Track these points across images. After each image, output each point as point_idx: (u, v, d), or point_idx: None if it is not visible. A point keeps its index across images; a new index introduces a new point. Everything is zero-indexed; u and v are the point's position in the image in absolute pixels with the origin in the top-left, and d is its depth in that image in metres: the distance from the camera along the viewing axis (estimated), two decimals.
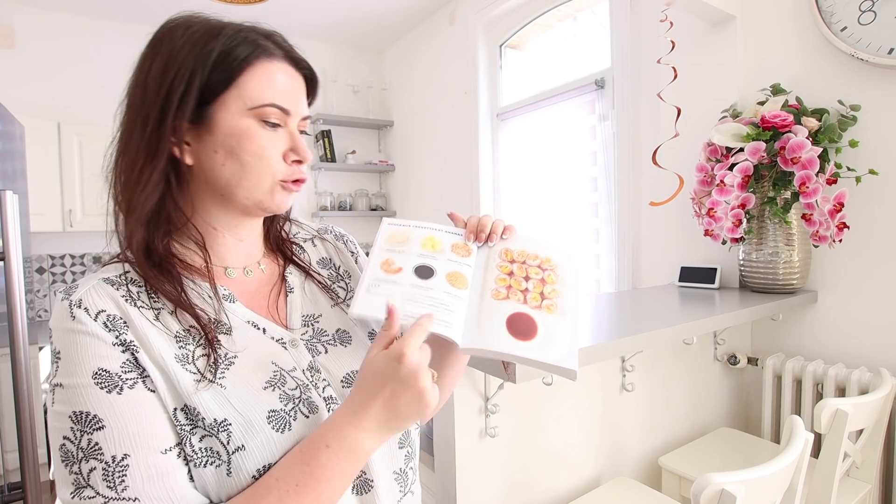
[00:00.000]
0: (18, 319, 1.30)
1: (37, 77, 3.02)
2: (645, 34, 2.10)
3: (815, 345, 1.66)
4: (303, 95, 0.59)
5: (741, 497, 0.72)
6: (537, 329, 0.58)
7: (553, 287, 0.63)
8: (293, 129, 0.57)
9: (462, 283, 0.61)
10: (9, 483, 1.40)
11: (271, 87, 0.54)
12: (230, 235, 0.60)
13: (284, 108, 0.55)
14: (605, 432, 1.38)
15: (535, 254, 0.66)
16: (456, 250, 0.64)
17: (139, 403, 0.47)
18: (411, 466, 0.64)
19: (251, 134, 0.54)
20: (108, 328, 0.49)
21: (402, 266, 0.61)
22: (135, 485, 0.45)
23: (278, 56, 0.56)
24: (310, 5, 3.11)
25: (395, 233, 0.65)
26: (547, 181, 2.67)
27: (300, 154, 0.57)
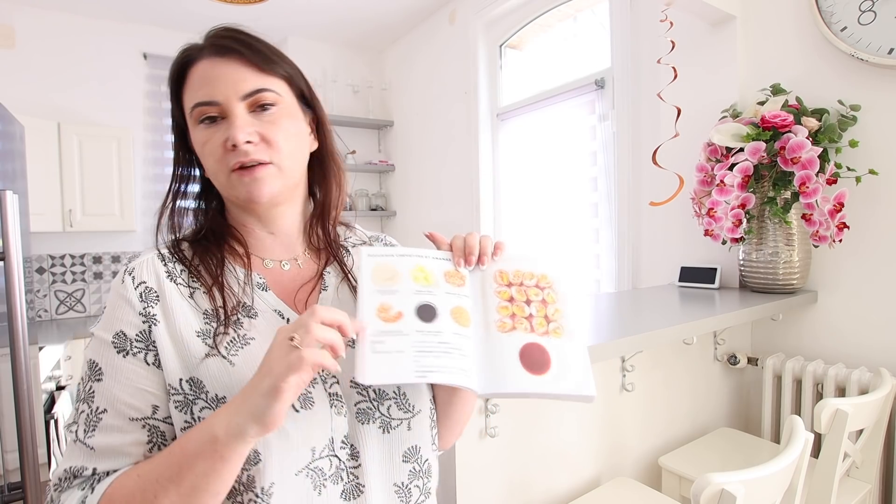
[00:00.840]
0: (18, 319, 1.30)
1: (37, 77, 3.02)
2: (645, 34, 2.10)
3: (815, 345, 1.66)
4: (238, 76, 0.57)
5: (741, 497, 0.72)
6: (550, 359, 0.56)
7: (555, 307, 0.60)
8: (231, 114, 0.56)
9: (466, 320, 0.57)
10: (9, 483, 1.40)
11: (194, 90, 0.58)
12: (260, 230, 0.64)
13: (206, 102, 0.57)
14: (605, 432, 1.38)
15: (531, 272, 0.62)
16: (451, 280, 0.60)
17: (131, 371, 0.54)
18: (417, 485, 0.62)
19: (197, 136, 0.59)
20: (141, 298, 0.56)
21: (402, 310, 0.55)
22: (98, 437, 0.53)
23: (200, 56, 0.59)
24: (310, 5, 3.11)
25: (379, 267, 0.58)
26: (547, 181, 2.67)
27: (230, 138, 0.56)
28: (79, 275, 3.21)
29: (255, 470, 0.52)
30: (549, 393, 0.54)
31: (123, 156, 3.05)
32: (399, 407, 0.61)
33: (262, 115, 0.58)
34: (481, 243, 0.62)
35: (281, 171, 0.59)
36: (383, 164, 3.82)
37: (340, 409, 0.58)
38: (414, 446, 0.62)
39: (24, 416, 1.34)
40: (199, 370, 0.54)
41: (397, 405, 0.61)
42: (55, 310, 3.16)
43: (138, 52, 3.27)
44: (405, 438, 0.61)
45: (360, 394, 0.59)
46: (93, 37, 3.16)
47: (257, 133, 0.57)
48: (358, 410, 0.59)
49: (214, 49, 0.58)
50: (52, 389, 2.19)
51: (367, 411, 0.59)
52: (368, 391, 0.60)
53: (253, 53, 0.59)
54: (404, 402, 0.61)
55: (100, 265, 3.26)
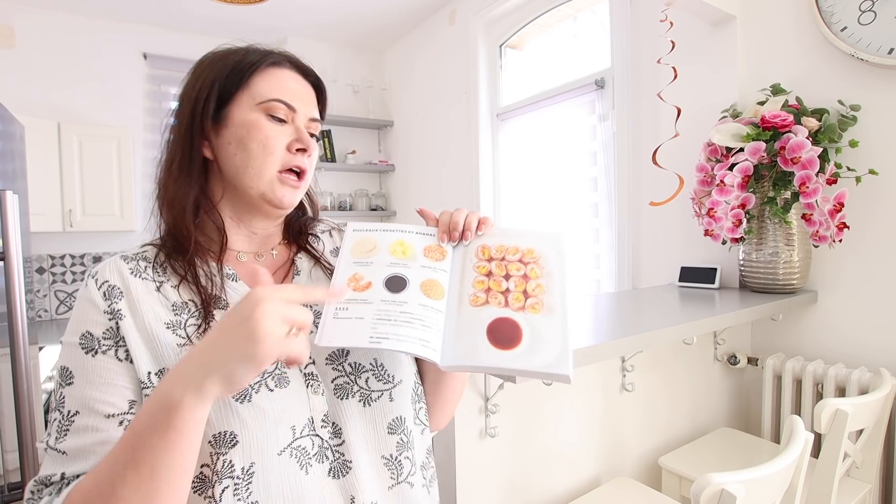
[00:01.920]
0: (18, 319, 1.30)
1: (37, 77, 3.02)
2: (645, 34, 2.10)
3: (815, 345, 1.66)
4: (311, 100, 0.64)
5: (741, 497, 0.72)
6: (522, 334, 0.53)
7: (538, 282, 0.57)
8: (300, 125, 0.62)
9: (438, 293, 0.56)
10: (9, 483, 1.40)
11: (277, 86, 0.61)
12: (244, 227, 0.65)
13: (289, 104, 0.61)
14: (605, 432, 1.38)
15: (516, 246, 0.60)
16: (429, 254, 0.59)
17: (104, 369, 0.53)
18: (407, 456, 0.62)
19: (258, 125, 0.60)
20: (105, 297, 0.56)
21: (372, 280, 0.56)
22: (70, 440, 0.51)
23: (285, 65, 0.63)
24: (310, 5, 3.11)
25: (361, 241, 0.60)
26: (547, 181, 2.67)
27: (303, 142, 0.61)
28: (79, 275, 3.21)
29: (233, 452, 0.51)
30: (515, 368, 0.52)
31: (123, 156, 3.05)
32: (378, 378, 0.61)
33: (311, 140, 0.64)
34: (467, 219, 0.62)
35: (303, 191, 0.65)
36: (383, 164, 3.82)
37: (317, 389, 0.58)
38: (399, 417, 0.62)
39: (24, 416, 1.34)
40: (170, 362, 0.54)
41: (375, 377, 0.61)
42: (55, 310, 3.16)
43: (138, 52, 3.27)
44: (388, 410, 0.61)
45: (336, 369, 0.60)
46: (93, 37, 3.16)
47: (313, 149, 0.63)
48: (336, 387, 0.59)
49: (299, 69, 0.64)
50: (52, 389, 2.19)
51: (345, 386, 0.59)
52: (344, 366, 0.60)
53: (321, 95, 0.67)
54: (382, 372, 0.62)
55: None
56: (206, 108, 0.60)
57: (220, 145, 0.61)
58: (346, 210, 3.74)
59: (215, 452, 0.52)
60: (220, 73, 0.61)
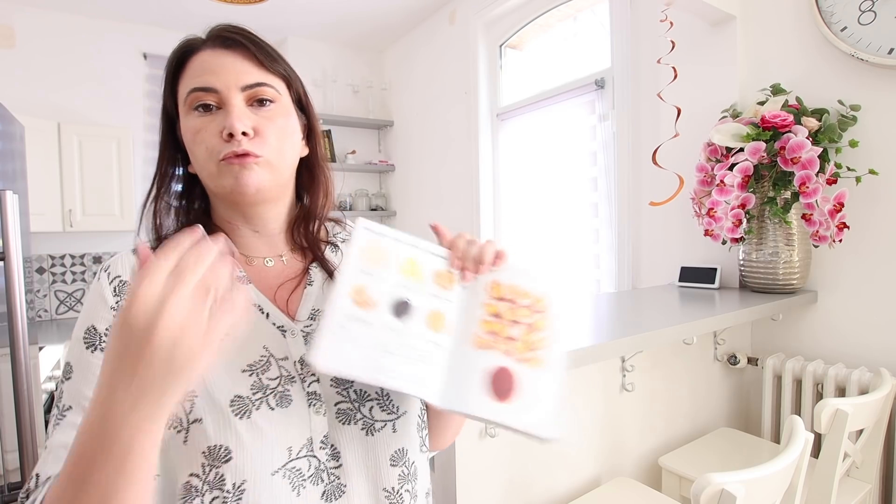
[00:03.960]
0: (18, 319, 1.30)
1: (37, 77, 3.02)
2: (645, 34, 2.10)
3: (815, 345, 1.66)
4: (240, 67, 0.57)
5: (741, 497, 0.72)
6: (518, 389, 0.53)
7: (542, 336, 0.56)
8: (229, 103, 0.56)
9: (441, 326, 0.54)
10: (9, 483, 1.40)
11: (193, 76, 0.57)
12: (245, 227, 0.63)
13: (205, 87, 0.56)
14: (605, 432, 1.38)
15: (527, 291, 0.58)
16: (438, 281, 0.56)
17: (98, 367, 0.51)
18: (407, 489, 0.60)
19: (189, 125, 0.57)
20: (115, 292, 0.55)
21: (378, 300, 0.53)
22: (57, 435, 0.50)
23: (202, 46, 0.59)
24: (310, 5, 3.11)
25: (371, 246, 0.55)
26: (547, 181, 2.67)
27: (227, 127, 0.54)
28: (79, 275, 3.21)
29: (226, 467, 0.50)
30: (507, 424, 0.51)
31: (123, 156, 3.05)
32: (382, 408, 0.59)
33: (260, 109, 0.58)
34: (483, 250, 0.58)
35: (270, 167, 0.58)
36: (383, 164, 3.82)
37: (319, 409, 0.56)
38: (401, 449, 0.60)
39: (24, 416, 1.34)
40: None
41: (380, 406, 0.59)
42: (55, 310, 3.16)
43: (138, 52, 3.27)
44: (391, 441, 0.59)
45: (340, 394, 0.57)
46: (93, 37, 3.16)
47: (253, 127, 0.56)
48: (338, 411, 0.57)
49: (219, 40, 0.58)
50: (52, 389, 2.19)
51: (348, 412, 0.57)
52: (349, 392, 0.58)
53: (257, 49, 0.59)
54: (387, 403, 0.59)
55: (100, 265, 3.26)
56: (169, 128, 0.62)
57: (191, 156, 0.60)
58: (346, 210, 3.74)
59: (208, 464, 0.51)
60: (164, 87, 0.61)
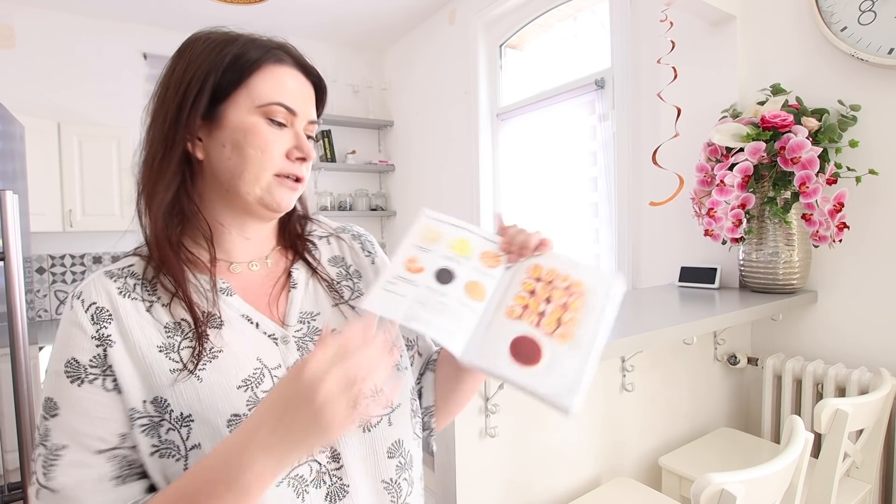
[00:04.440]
0: (18, 319, 1.30)
1: (37, 77, 3.02)
2: (645, 34, 2.10)
3: (815, 345, 1.66)
4: (311, 101, 0.61)
5: (741, 497, 0.72)
6: (542, 356, 0.54)
7: (574, 315, 0.58)
8: (299, 130, 0.59)
9: (479, 295, 0.58)
10: (9, 483, 1.40)
11: (279, 88, 0.57)
12: (237, 233, 0.61)
13: (290, 108, 0.58)
14: (605, 432, 1.38)
15: (566, 275, 0.60)
16: (484, 259, 0.61)
17: (91, 401, 0.50)
18: (405, 478, 0.62)
19: (257, 129, 0.56)
20: (94, 321, 0.52)
21: (425, 266, 0.59)
22: (60, 476, 0.49)
23: (288, 62, 0.59)
24: (310, 5, 3.11)
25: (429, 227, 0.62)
26: (547, 181, 2.67)
27: (303, 151, 0.58)
28: (79, 275, 3.21)
29: None
30: (524, 386, 0.53)
31: (123, 156, 3.04)
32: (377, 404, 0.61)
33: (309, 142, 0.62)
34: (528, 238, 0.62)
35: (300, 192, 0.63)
36: (383, 164, 3.82)
37: None
38: (397, 440, 0.62)
39: (24, 416, 1.34)
40: (163, 389, 0.51)
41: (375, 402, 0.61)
42: (55, 310, 3.16)
43: (138, 52, 3.27)
44: (387, 434, 0.61)
45: None
46: (93, 37, 3.16)
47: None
48: None
49: (301, 67, 0.61)
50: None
51: None
52: None
53: (321, 94, 0.64)
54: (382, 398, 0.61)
55: (100, 265, 3.26)
56: (196, 104, 0.55)
57: (212, 146, 0.57)
58: (346, 210, 3.74)
59: None
60: (216, 65, 0.56)
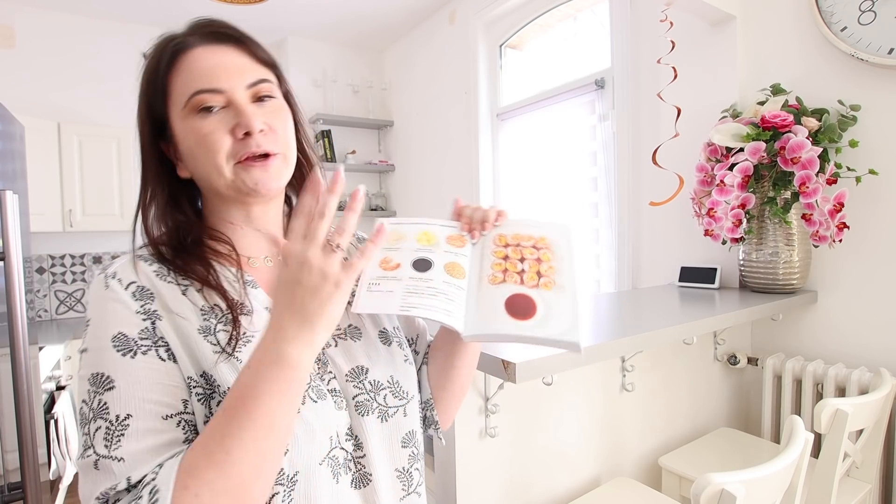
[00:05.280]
0: (18, 319, 1.30)
1: (37, 77, 3.02)
2: (645, 34, 2.10)
3: (815, 345, 1.66)
4: (240, 65, 0.57)
5: (741, 497, 0.72)
6: (536, 307, 0.58)
7: (549, 264, 0.63)
8: (238, 103, 0.55)
9: (459, 273, 0.61)
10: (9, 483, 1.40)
11: (191, 77, 0.55)
12: (247, 226, 0.62)
13: (211, 89, 0.54)
14: (605, 432, 1.38)
15: (529, 235, 0.66)
16: (451, 242, 0.65)
17: (149, 369, 0.50)
18: (416, 468, 0.64)
19: (193, 128, 0.55)
20: (136, 297, 0.53)
21: (401, 262, 0.61)
22: (127, 444, 0.47)
23: (193, 43, 0.56)
24: (310, 5, 3.11)
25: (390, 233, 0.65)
26: (547, 181, 2.67)
27: (242, 125, 0.54)
28: (79, 275, 3.21)
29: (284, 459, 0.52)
30: (531, 336, 0.56)
31: (123, 156, 3.04)
32: (394, 395, 0.63)
33: (263, 105, 0.57)
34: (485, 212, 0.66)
35: (285, 161, 0.59)
36: (383, 164, 3.82)
37: (340, 404, 0.59)
38: (411, 431, 0.64)
39: (24, 416, 1.34)
40: (209, 367, 0.52)
41: (392, 393, 0.63)
42: (55, 310, 3.16)
43: (138, 52, 3.25)
44: (402, 425, 0.63)
45: (357, 387, 0.60)
46: (93, 37, 3.16)
47: (265, 122, 0.56)
48: (357, 403, 0.60)
49: (210, 37, 0.57)
50: (52, 389, 2.18)
51: (366, 403, 0.60)
52: (364, 383, 0.61)
53: (249, 43, 0.59)
54: (398, 389, 0.63)
55: (100, 265, 3.26)
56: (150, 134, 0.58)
57: (185, 162, 0.58)
58: None
59: None
60: (146, 90, 0.57)
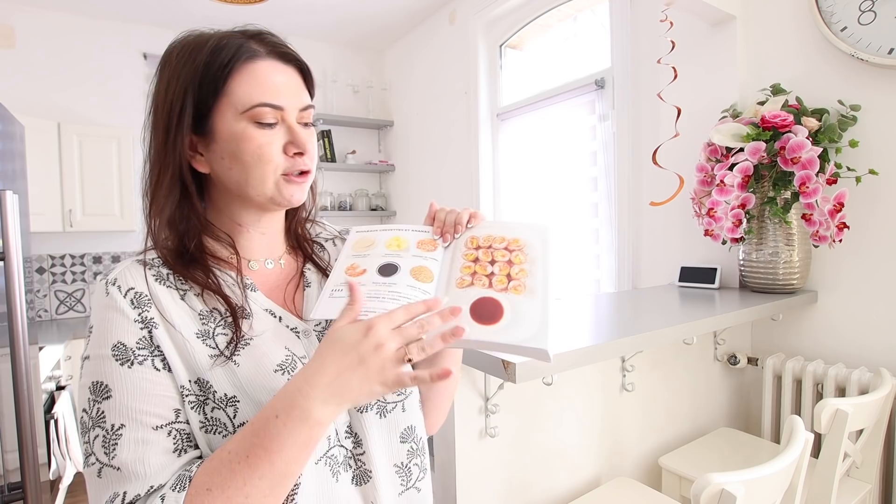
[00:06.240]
0: (18, 319, 1.30)
1: (37, 77, 3.02)
2: (645, 34, 2.10)
3: (815, 345, 1.66)
4: (297, 87, 0.60)
5: (741, 497, 0.72)
6: (503, 311, 0.56)
7: (521, 267, 0.60)
8: (291, 123, 0.58)
9: (426, 277, 0.60)
10: (9, 483, 1.40)
11: (258, 88, 0.56)
12: (254, 230, 0.64)
13: (275, 105, 0.57)
14: (605, 432, 1.38)
15: (502, 236, 0.64)
16: (422, 246, 0.63)
17: (143, 380, 0.52)
18: (416, 463, 0.65)
19: (248, 136, 0.56)
20: (134, 305, 0.54)
21: (367, 268, 0.60)
22: (121, 454, 0.50)
23: (262, 55, 0.58)
24: (310, 5, 3.11)
25: (360, 239, 0.65)
26: (547, 181, 2.67)
27: (298, 146, 0.58)
28: (79, 275, 3.21)
29: None
30: (495, 342, 0.53)
31: (123, 156, 3.04)
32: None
33: (307, 129, 0.61)
34: (458, 215, 0.66)
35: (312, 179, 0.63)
36: (383, 164, 3.82)
37: None
38: (410, 426, 0.65)
39: (24, 416, 1.34)
40: (204, 372, 0.54)
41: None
42: (55, 310, 3.16)
43: (138, 52, 3.27)
44: (401, 420, 0.64)
45: None
46: (93, 37, 3.16)
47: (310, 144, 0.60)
48: None
49: (280, 55, 0.59)
50: (52, 389, 2.18)
51: None
52: None
53: (307, 71, 0.62)
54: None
55: (100, 265, 3.26)
56: (181, 124, 0.56)
57: (213, 159, 0.58)
58: (346, 210, 3.74)
59: None
60: (191, 79, 0.56)
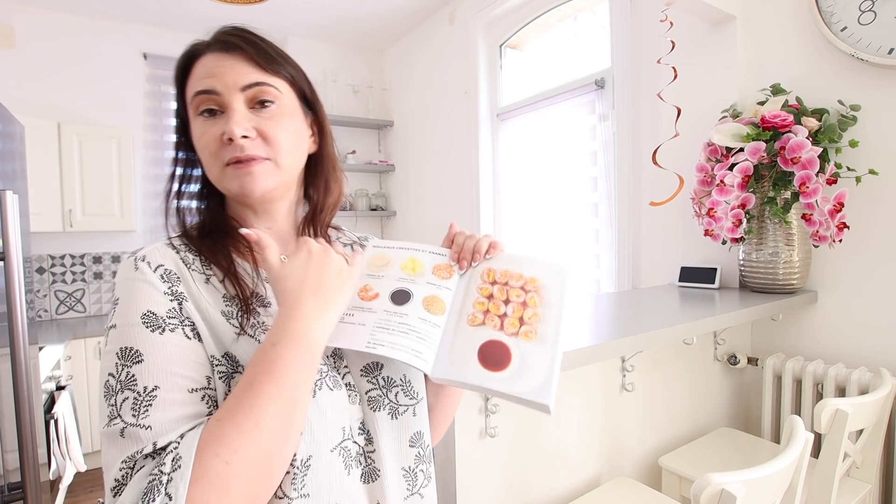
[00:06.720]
0: (18, 319, 1.30)
1: (37, 77, 3.02)
2: (645, 34, 2.10)
3: (815, 345, 1.66)
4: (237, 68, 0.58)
5: (741, 497, 0.72)
6: (511, 358, 0.56)
7: (535, 311, 0.59)
8: (233, 107, 0.57)
9: (439, 308, 0.59)
10: (9, 483, 1.40)
11: (195, 80, 0.59)
12: (258, 224, 0.64)
13: (207, 90, 0.57)
14: (605, 432, 1.38)
15: (520, 273, 0.62)
16: (437, 272, 0.62)
17: (176, 345, 0.52)
18: (422, 469, 0.64)
19: (196, 130, 0.59)
20: (164, 279, 0.55)
21: (380, 292, 0.60)
22: (154, 413, 0.48)
23: (206, 51, 0.60)
24: (310, 5, 3.11)
25: (376, 256, 0.64)
26: (547, 181, 2.67)
27: (227, 132, 0.56)
28: (79, 275, 3.21)
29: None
30: (499, 391, 0.54)
31: (123, 156, 3.05)
32: (405, 393, 0.63)
33: (262, 111, 0.59)
34: (478, 243, 0.64)
35: (278, 168, 0.60)
36: (383, 164, 3.82)
37: (354, 399, 0.60)
38: (419, 432, 0.64)
39: (24, 416, 1.34)
40: (232, 348, 0.54)
41: (404, 392, 0.63)
42: (55, 310, 3.16)
43: (138, 52, 3.27)
44: (411, 424, 0.63)
45: (370, 382, 0.61)
46: (93, 37, 3.16)
47: (255, 129, 0.58)
48: (369, 398, 0.61)
49: (220, 45, 0.59)
50: (52, 389, 2.18)
51: (378, 399, 0.61)
52: (378, 379, 0.62)
53: (257, 52, 0.60)
54: (409, 388, 0.64)
55: (100, 265, 3.26)
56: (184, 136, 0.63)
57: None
58: (346, 210, 3.74)
59: None
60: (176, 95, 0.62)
